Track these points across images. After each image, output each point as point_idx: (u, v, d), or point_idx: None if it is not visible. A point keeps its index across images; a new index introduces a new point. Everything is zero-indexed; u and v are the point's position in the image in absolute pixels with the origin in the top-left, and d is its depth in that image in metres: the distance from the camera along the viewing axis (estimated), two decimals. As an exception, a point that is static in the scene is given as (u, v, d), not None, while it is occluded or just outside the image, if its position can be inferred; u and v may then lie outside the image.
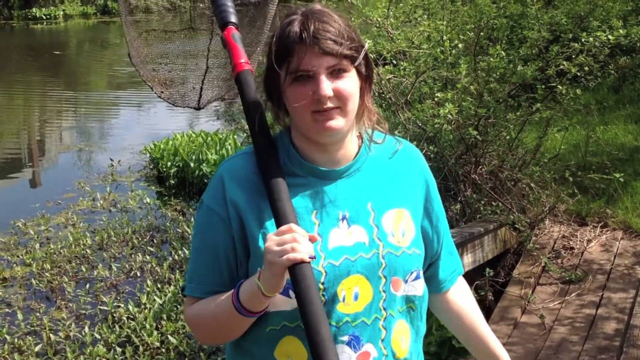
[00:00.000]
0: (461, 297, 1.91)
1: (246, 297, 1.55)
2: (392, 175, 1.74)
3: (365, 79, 1.65)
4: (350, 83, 1.60)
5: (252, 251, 1.62)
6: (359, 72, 1.63)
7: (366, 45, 1.64)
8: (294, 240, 1.46)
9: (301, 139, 1.67)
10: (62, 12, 34.47)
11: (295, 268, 1.46)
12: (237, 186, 1.64)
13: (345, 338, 1.61)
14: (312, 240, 1.51)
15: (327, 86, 1.55)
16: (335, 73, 1.58)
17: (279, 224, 1.53)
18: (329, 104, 1.57)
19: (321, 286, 1.57)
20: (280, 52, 1.58)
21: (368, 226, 1.65)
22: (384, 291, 1.64)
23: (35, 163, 11.56)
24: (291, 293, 1.54)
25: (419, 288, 1.72)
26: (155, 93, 2.33)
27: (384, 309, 1.64)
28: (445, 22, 6.44)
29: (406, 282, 1.68)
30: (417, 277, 1.70)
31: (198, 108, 2.32)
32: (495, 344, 1.90)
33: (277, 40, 1.60)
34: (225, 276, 1.66)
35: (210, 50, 2.26)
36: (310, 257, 1.47)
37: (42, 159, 11.87)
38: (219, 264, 1.66)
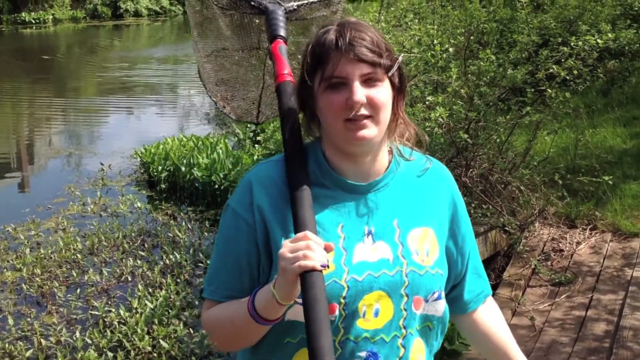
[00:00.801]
0: (488, 318, 1.89)
1: (261, 304, 1.54)
2: (419, 193, 1.73)
3: (399, 91, 1.66)
4: (383, 92, 1.60)
5: (275, 259, 1.61)
6: (392, 83, 1.63)
7: (400, 58, 1.65)
8: (308, 247, 1.45)
9: (332, 150, 1.67)
10: (51, 16, 34.41)
11: (306, 276, 1.44)
12: (264, 192, 1.64)
13: (363, 354, 1.61)
14: (327, 249, 1.50)
15: (360, 92, 1.56)
16: (369, 82, 1.58)
17: (297, 231, 1.52)
18: (362, 111, 1.57)
19: (342, 300, 1.57)
20: (315, 60, 1.60)
21: (393, 243, 1.65)
22: (405, 309, 1.63)
23: (25, 168, 11.52)
24: None
25: (439, 309, 1.71)
26: (218, 107, 2.38)
27: (404, 327, 1.64)
28: (435, 27, 6.47)
29: (427, 301, 1.67)
30: (438, 298, 1.69)
31: (257, 123, 2.35)
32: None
33: (313, 48, 1.61)
34: (245, 282, 1.65)
35: (266, 66, 2.29)
36: (322, 266, 1.45)
37: (31, 164, 11.84)
38: (240, 270, 1.65)
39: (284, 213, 1.61)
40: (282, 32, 1.92)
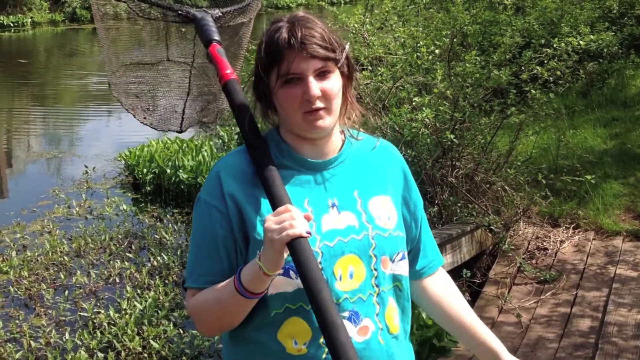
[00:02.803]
0: (441, 285, 2.01)
1: (248, 278, 1.64)
2: (373, 166, 1.88)
3: (348, 78, 1.79)
4: (335, 82, 1.73)
5: (252, 239, 1.72)
6: (341, 71, 1.76)
7: (347, 47, 1.78)
8: (292, 217, 1.58)
9: (290, 136, 1.80)
10: (30, 20, 34.10)
11: (295, 242, 1.58)
12: (233, 180, 1.75)
13: (346, 314, 1.71)
14: (307, 218, 1.62)
15: (315, 87, 1.69)
16: (322, 75, 1.71)
17: (274, 207, 1.65)
18: (318, 104, 1.70)
19: (319, 266, 1.66)
20: (270, 58, 1.71)
21: (356, 211, 1.78)
22: (375, 269, 1.76)
23: (3, 172, 11.45)
24: (292, 274, 1.67)
25: (404, 268, 1.84)
26: (137, 120, 2.39)
27: (377, 285, 1.76)
28: (420, 29, 6.55)
29: (393, 261, 1.80)
30: (402, 258, 1.83)
31: (180, 131, 2.40)
32: (481, 327, 1.97)
33: (266, 46, 1.72)
34: (225, 266, 1.75)
35: (192, 73, 2.36)
36: (307, 232, 1.59)
37: (12, 167, 11.77)
38: (219, 255, 1.75)
39: (254, 195, 1.74)
40: (216, 36, 2.04)
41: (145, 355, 5.19)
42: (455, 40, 6.48)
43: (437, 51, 6.05)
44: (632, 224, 6.48)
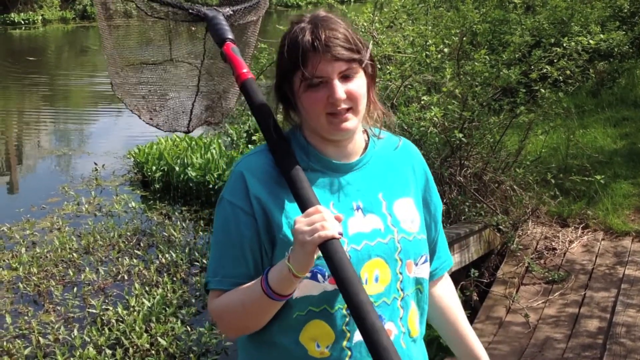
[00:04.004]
0: (446, 294, 2.00)
1: (276, 280, 1.61)
2: (396, 167, 1.86)
3: (371, 77, 1.76)
4: (360, 84, 1.71)
5: (278, 240, 1.69)
6: (365, 72, 1.73)
7: (370, 45, 1.75)
8: (323, 219, 1.55)
9: (314, 137, 1.77)
10: (40, 17, 34.20)
11: (327, 244, 1.54)
12: (257, 181, 1.72)
13: None
14: (338, 219, 1.58)
15: (340, 90, 1.66)
16: (346, 77, 1.68)
17: (303, 208, 1.61)
18: (343, 105, 1.68)
19: (353, 267, 1.63)
20: (293, 61, 1.67)
21: (382, 214, 1.76)
22: (400, 273, 1.75)
23: (13, 168, 11.50)
24: (320, 277, 1.64)
25: (426, 271, 1.84)
26: (143, 120, 2.36)
27: (402, 289, 1.75)
28: (430, 27, 6.54)
29: (417, 265, 1.79)
30: (425, 261, 1.83)
31: (187, 131, 2.38)
32: (475, 343, 1.98)
33: (288, 49, 1.69)
34: (250, 267, 1.72)
35: (201, 73, 2.33)
36: (339, 233, 1.56)
37: (21, 164, 11.82)
38: (244, 256, 1.71)
39: (279, 196, 1.71)
40: (229, 35, 2.01)
41: (153, 352, 5.22)
42: (464, 39, 6.46)
43: (446, 50, 6.04)
44: (641, 224, 6.45)
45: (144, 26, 2.32)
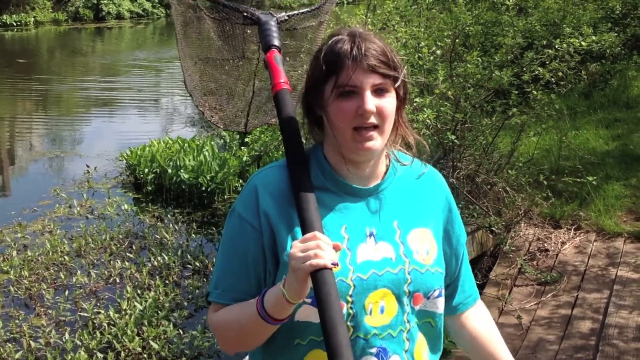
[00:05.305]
0: (477, 320, 1.93)
1: (271, 303, 1.57)
2: (417, 196, 1.79)
3: (402, 100, 1.71)
4: (391, 102, 1.66)
5: (281, 260, 1.65)
6: (397, 93, 1.68)
7: (405, 70, 1.70)
8: (318, 247, 1.49)
9: (334, 155, 1.72)
10: (32, 19, 34.13)
11: (317, 274, 1.48)
12: (269, 197, 1.68)
13: (374, 350, 1.65)
14: (335, 248, 1.53)
15: (371, 102, 1.61)
16: (379, 92, 1.63)
17: (304, 232, 1.57)
18: (371, 120, 1.62)
19: (349, 299, 1.61)
20: (329, 67, 1.64)
21: (394, 243, 1.70)
22: (407, 305, 1.68)
23: (5, 170, 11.45)
24: None
25: (440, 306, 1.75)
26: (206, 117, 2.38)
27: (408, 321, 1.69)
28: (422, 29, 6.54)
29: (428, 298, 1.72)
30: (439, 295, 1.74)
31: (245, 132, 2.40)
32: None
33: (325, 55, 1.65)
34: (252, 284, 1.68)
35: (256, 75, 2.33)
36: (332, 264, 1.49)
37: (13, 166, 11.78)
38: (247, 272, 1.68)
39: (289, 216, 1.66)
40: (276, 42, 1.98)
41: (145, 355, 5.19)
42: (457, 40, 6.46)
43: (438, 52, 6.04)
44: (633, 225, 6.46)
45: (201, 24, 2.31)
